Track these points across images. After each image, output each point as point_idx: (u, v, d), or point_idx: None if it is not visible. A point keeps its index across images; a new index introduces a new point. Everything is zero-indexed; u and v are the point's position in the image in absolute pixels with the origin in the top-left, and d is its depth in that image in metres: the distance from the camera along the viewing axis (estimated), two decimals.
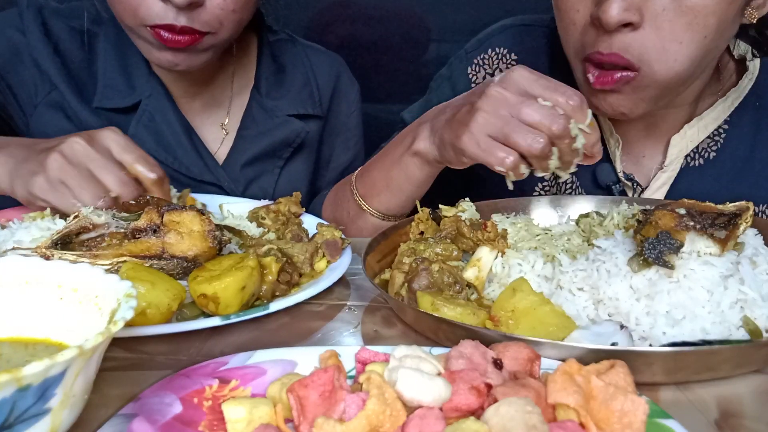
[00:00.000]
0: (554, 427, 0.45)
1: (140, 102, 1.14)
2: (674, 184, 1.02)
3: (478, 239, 0.78)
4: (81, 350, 0.41)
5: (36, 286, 0.55)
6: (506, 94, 0.76)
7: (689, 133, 1.00)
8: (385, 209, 0.99)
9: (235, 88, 1.23)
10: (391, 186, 0.96)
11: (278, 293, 0.75)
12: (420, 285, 0.71)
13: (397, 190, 0.96)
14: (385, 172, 0.96)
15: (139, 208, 0.77)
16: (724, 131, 1.01)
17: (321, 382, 0.47)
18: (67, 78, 1.12)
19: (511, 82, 0.77)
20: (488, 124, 0.77)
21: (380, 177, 0.97)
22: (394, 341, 0.68)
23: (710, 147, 1.01)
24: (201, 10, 0.97)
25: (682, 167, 1.02)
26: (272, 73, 1.25)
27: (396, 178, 0.95)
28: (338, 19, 1.86)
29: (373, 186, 0.99)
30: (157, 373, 0.59)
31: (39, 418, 0.41)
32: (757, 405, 0.57)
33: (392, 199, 0.97)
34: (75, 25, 1.14)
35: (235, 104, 1.23)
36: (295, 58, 1.28)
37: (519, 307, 0.65)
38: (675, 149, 1.01)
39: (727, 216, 0.71)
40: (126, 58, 1.14)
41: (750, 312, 0.64)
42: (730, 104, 1.01)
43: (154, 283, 0.65)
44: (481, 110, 0.77)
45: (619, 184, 1.03)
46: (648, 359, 0.56)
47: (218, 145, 1.22)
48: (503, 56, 1.12)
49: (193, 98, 1.20)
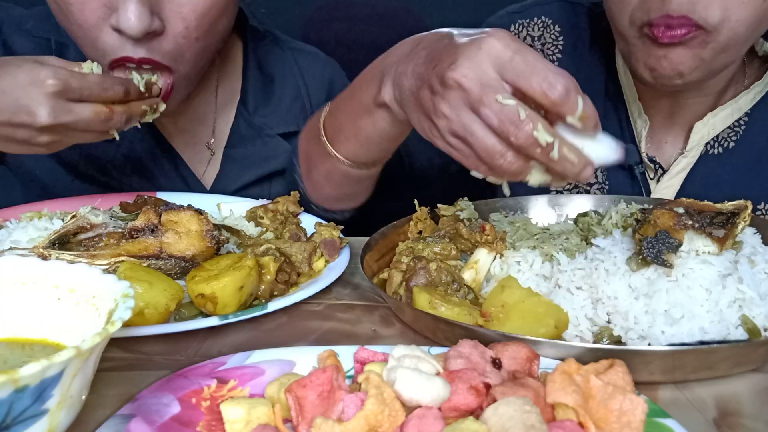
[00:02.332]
0: (553, 427, 0.45)
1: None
2: (692, 170, 1.04)
3: (476, 241, 0.78)
4: (78, 351, 0.41)
5: (33, 287, 0.54)
6: (467, 85, 0.62)
7: (711, 121, 1.02)
8: (350, 155, 0.87)
9: (220, 102, 1.13)
10: (359, 136, 0.83)
11: (276, 293, 0.75)
12: (418, 284, 0.71)
13: (366, 142, 0.84)
14: (352, 117, 0.83)
15: (137, 208, 0.77)
16: (744, 123, 1.03)
17: (319, 382, 0.47)
18: None
19: (479, 61, 0.62)
20: (451, 125, 0.64)
21: (348, 122, 0.85)
22: (393, 341, 0.68)
23: (730, 137, 1.03)
24: (161, 39, 0.86)
25: (701, 154, 1.04)
26: (260, 86, 1.15)
27: (365, 128, 0.82)
28: (336, 18, 1.85)
29: (341, 130, 0.86)
30: (155, 374, 0.59)
31: (36, 419, 0.41)
32: (755, 403, 0.57)
33: (361, 149, 0.85)
34: (42, 39, 1.04)
35: (221, 120, 1.13)
36: (284, 66, 1.17)
37: (508, 302, 0.65)
38: (697, 136, 1.03)
39: (725, 215, 0.71)
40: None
41: (748, 311, 0.64)
42: (752, 97, 1.03)
43: (151, 283, 0.65)
44: (440, 111, 0.64)
45: (642, 165, 1.05)
46: (646, 358, 0.56)
47: (204, 166, 1.13)
48: (548, 26, 1.12)
49: (174, 116, 1.09)
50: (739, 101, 1.02)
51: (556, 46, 1.11)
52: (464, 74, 0.62)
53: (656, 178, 1.05)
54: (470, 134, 0.63)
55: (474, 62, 0.62)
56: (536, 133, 0.59)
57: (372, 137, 0.82)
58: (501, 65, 0.62)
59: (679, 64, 0.89)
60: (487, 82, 0.61)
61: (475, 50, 0.63)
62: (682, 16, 0.84)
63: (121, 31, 0.83)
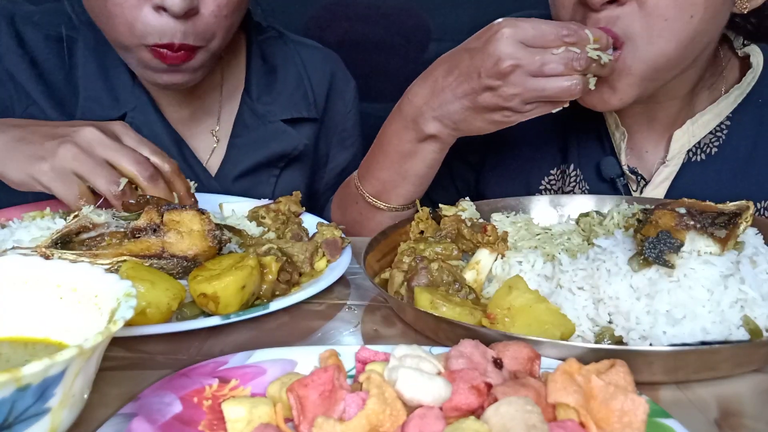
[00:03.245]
0: (554, 427, 0.45)
1: (125, 114, 1.09)
2: (676, 179, 1.03)
3: (477, 241, 0.78)
4: (80, 350, 0.41)
5: (35, 286, 0.55)
6: (522, 62, 0.79)
7: (691, 128, 1.01)
8: (404, 201, 1.00)
9: (225, 93, 1.19)
10: (408, 177, 0.97)
11: (278, 293, 0.75)
12: (419, 284, 0.71)
13: (416, 179, 0.97)
14: (396, 167, 0.97)
15: (139, 208, 0.77)
16: (726, 127, 1.02)
17: (321, 381, 0.47)
18: (45, 91, 1.07)
19: (508, 43, 0.79)
20: (524, 97, 0.81)
21: (392, 173, 0.98)
22: (394, 340, 0.68)
23: (712, 143, 1.02)
24: (196, 19, 0.94)
25: (684, 162, 1.02)
26: (263, 75, 1.20)
27: (413, 168, 0.96)
28: (337, 18, 1.85)
29: (386, 183, 0.99)
30: (157, 373, 0.59)
31: (38, 418, 0.41)
32: (756, 404, 0.57)
33: (412, 188, 0.98)
34: (51, 32, 1.08)
35: (226, 110, 1.18)
36: (286, 57, 1.23)
37: (515, 305, 0.65)
38: (677, 144, 1.02)
39: (727, 215, 0.71)
40: (107, 66, 1.09)
41: (750, 311, 0.64)
42: (732, 101, 1.01)
43: (153, 283, 0.65)
44: (509, 94, 0.81)
45: (623, 178, 1.04)
46: (648, 358, 0.56)
47: (209, 154, 1.17)
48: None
49: (181, 106, 1.14)
50: (719, 106, 1.01)
51: None
52: (511, 57, 0.79)
53: (639, 190, 1.04)
54: (542, 90, 0.80)
55: (507, 45, 0.79)
56: (590, 54, 0.79)
57: (420, 171, 0.96)
58: (534, 37, 0.79)
59: (605, 91, 0.88)
60: (531, 50, 0.79)
61: (499, 38, 0.80)
62: (600, 29, 0.84)
63: (165, 8, 0.90)
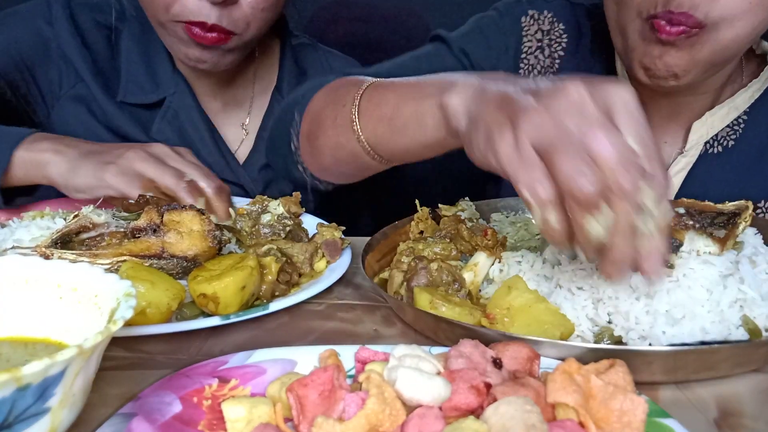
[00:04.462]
0: (554, 427, 0.45)
1: (164, 99, 1.16)
2: (693, 170, 1.04)
3: (476, 244, 0.78)
4: (80, 349, 0.41)
5: (35, 286, 0.55)
6: (587, 100, 0.55)
7: (710, 120, 1.02)
8: (373, 140, 0.78)
9: (257, 89, 1.25)
10: (395, 119, 0.75)
11: (278, 293, 0.75)
12: (419, 284, 0.71)
13: (399, 128, 0.75)
14: (400, 99, 0.75)
15: (139, 208, 0.77)
16: (743, 121, 1.03)
17: (320, 381, 0.47)
18: (93, 71, 1.13)
19: (601, 93, 0.56)
20: (541, 126, 0.54)
21: (391, 101, 0.77)
22: (394, 340, 0.68)
23: (729, 135, 1.03)
24: (233, 8, 0.99)
25: (701, 153, 1.03)
26: (294, 76, 1.27)
27: (406, 114, 0.74)
28: (338, 18, 1.85)
29: (378, 106, 0.78)
30: (157, 373, 0.59)
31: (38, 418, 0.41)
32: (756, 404, 0.57)
33: (388, 134, 0.77)
34: (100, 19, 1.16)
35: (256, 105, 1.25)
36: (316, 62, 1.30)
37: (514, 305, 0.65)
38: (695, 135, 1.03)
39: (726, 215, 0.71)
40: (149, 55, 1.16)
41: (749, 311, 0.64)
42: (750, 95, 1.03)
43: (153, 283, 0.65)
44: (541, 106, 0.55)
45: None
46: (647, 358, 0.57)
47: (238, 144, 1.23)
48: (553, 23, 1.11)
49: (215, 97, 1.21)
50: (736, 100, 1.02)
51: (560, 44, 1.10)
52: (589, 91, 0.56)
53: None
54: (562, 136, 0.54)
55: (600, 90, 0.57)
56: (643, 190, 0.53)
57: (408, 125, 0.74)
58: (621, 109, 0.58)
59: (674, 66, 0.89)
60: (608, 112, 0.57)
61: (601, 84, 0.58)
62: (682, 13, 0.84)
63: None
